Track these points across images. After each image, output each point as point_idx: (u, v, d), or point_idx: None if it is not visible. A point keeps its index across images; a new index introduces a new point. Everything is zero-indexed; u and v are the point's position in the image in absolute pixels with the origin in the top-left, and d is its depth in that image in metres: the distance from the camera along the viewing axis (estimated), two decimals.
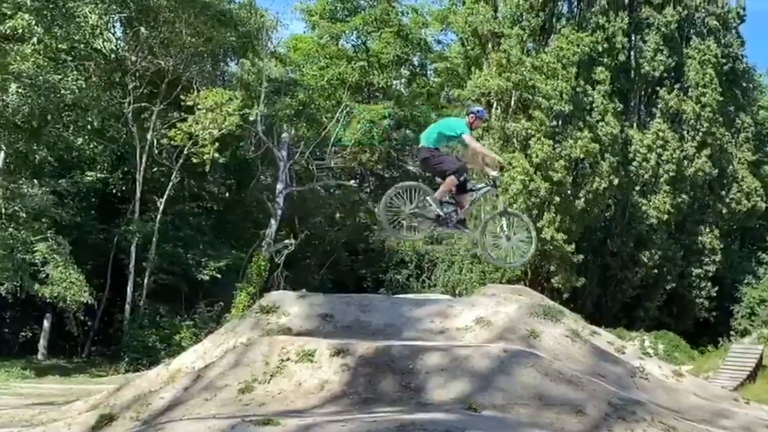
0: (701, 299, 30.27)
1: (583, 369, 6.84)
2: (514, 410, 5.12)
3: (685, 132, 29.87)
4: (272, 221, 22.50)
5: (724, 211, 31.09)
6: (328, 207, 24.07)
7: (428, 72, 31.10)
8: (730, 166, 31.33)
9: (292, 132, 23.41)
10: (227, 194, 23.68)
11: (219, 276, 20.63)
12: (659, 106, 29.50)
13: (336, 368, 5.95)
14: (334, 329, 7.69)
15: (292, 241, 21.97)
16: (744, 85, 32.31)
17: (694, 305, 30.27)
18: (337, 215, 25.11)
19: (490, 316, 8.04)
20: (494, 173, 7.63)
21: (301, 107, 23.30)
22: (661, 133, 29.06)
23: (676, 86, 29.72)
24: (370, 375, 5.84)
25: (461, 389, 5.53)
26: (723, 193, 31.25)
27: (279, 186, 22.69)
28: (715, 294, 30.53)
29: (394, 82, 27.56)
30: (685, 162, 29.44)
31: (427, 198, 7.23)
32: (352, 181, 25.73)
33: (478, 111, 7.75)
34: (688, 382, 9.61)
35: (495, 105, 26.02)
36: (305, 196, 23.30)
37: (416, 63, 30.00)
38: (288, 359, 6.19)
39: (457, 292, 24.34)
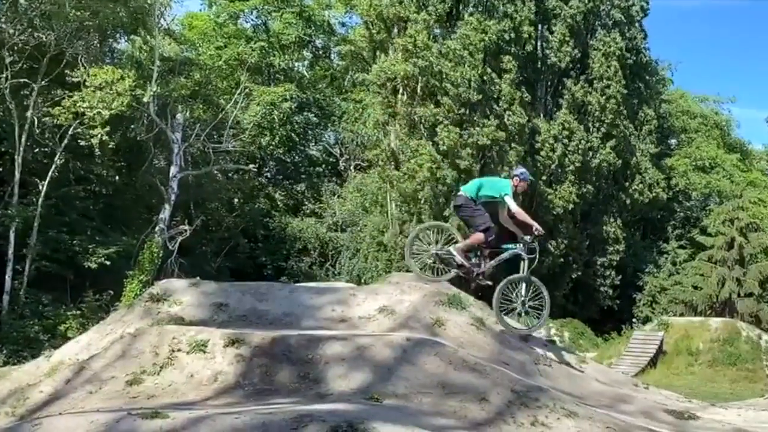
0: (605, 288, 34.16)
1: (487, 357, 7.30)
2: (417, 399, 5.43)
3: (590, 123, 33.36)
4: (166, 206, 23.16)
5: (628, 201, 35.06)
6: (225, 192, 25.41)
7: (332, 55, 32.86)
8: (634, 158, 35.35)
9: (187, 114, 24.26)
10: (117, 178, 24.22)
11: (108, 263, 21.24)
12: (565, 96, 32.77)
13: (230, 359, 6.19)
14: (229, 318, 7.96)
15: (188, 227, 22.65)
16: (647, 78, 36.44)
17: (599, 293, 34.12)
18: (236, 201, 26.58)
19: (394, 305, 8.36)
20: (528, 238, 8.31)
21: (196, 88, 24.42)
22: (567, 124, 32.39)
23: (582, 78, 33.13)
24: (267, 365, 6.10)
25: (363, 379, 5.82)
26: (627, 184, 35.16)
27: (173, 169, 23.50)
28: (618, 282, 34.45)
29: (296, 64, 29.29)
30: (591, 153, 32.92)
31: (450, 249, 8.26)
32: (252, 166, 27.08)
33: (522, 174, 8.66)
34: (591, 368, 10.45)
35: (401, 91, 28.49)
36: (201, 181, 24.53)
37: (319, 45, 31.61)
38: (179, 350, 6.40)
39: (362, 280, 26.22)
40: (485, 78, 29.69)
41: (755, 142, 48.27)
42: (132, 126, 24.77)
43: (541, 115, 33.05)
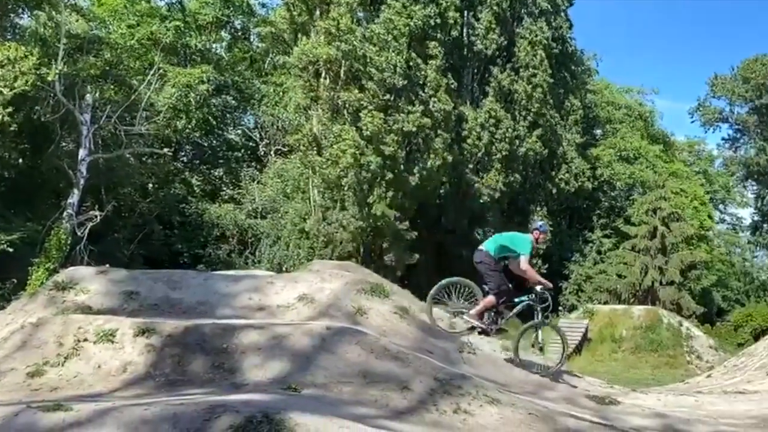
0: None
1: (410, 345, 7.55)
2: (337, 388, 5.59)
3: (517, 112, 35.46)
4: (74, 191, 23.03)
5: (554, 191, 37.42)
6: (139, 177, 25.73)
7: (251, 37, 33.64)
8: (560, 148, 37.83)
9: (97, 94, 24.15)
10: (21, 160, 24.35)
11: (11, 250, 21.39)
12: (492, 84, 34.60)
13: (140, 349, 6.25)
14: (140, 307, 8.04)
15: (98, 212, 22.58)
16: (573, 68, 38.88)
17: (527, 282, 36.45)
18: (150, 186, 27.00)
19: (314, 293, 8.62)
20: (539, 288, 9.20)
21: (107, 68, 24.44)
22: (493, 112, 34.19)
23: (509, 66, 35.23)
24: (179, 355, 6.16)
25: (280, 369, 5.95)
26: (553, 173, 37.53)
27: (82, 152, 23.27)
28: (545, 271, 36.80)
29: (214, 45, 29.88)
30: (517, 141, 34.91)
31: (465, 317, 9.05)
32: (166, 150, 27.46)
33: (540, 226, 9.47)
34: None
35: (324, 74, 29.58)
36: (113, 165, 24.71)
37: (238, 26, 32.23)
38: (85, 340, 6.43)
39: (284, 268, 27.13)
40: (411, 63, 30.88)
41: (677, 133, 52.18)
42: (37, 107, 24.76)
43: (468, 103, 34.72)
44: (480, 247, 9.27)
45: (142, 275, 9.16)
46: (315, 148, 29.07)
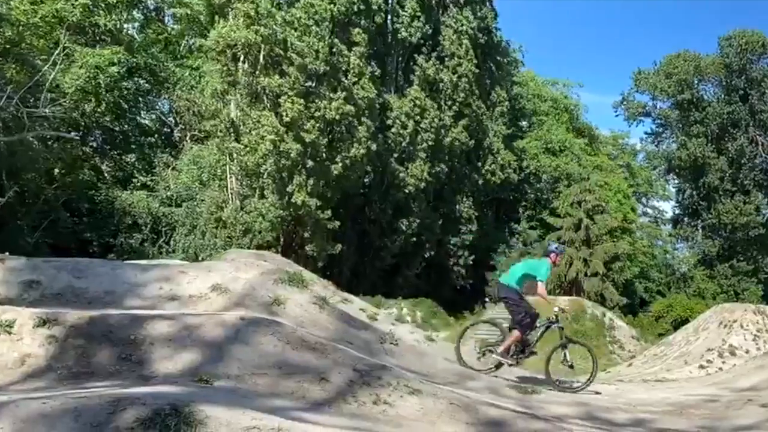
0: (459, 267, 37.42)
1: (329, 336, 7.67)
2: (252, 380, 5.63)
3: (442, 101, 36.58)
4: None
5: (481, 182, 38.69)
6: (44, 161, 25.19)
7: (166, 18, 33.48)
8: (487, 139, 39.11)
9: None
10: None
11: None
12: (417, 73, 35.52)
13: (41, 340, 6.14)
14: (42, 297, 7.90)
15: None
16: (498, 59, 40.29)
17: (452, 273, 37.44)
18: (56, 171, 26.43)
19: (228, 283, 8.63)
20: (555, 309, 9.82)
21: (8, 46, 24.12)
22: (418, 101, 35.11)
23: (434, 55, 36.36)
24: (83, 347, 6.08)
25: (191, 360, 5.93)
26: (479, 164, 38.87)
27: None
28: (471, 262, 38.08)
29: (125, 25, 29.50)
30: (443, 131, 36.07)
31: (493, 356, 9.54)
32: (74, 134, 26.98)
33: (556, 248, 10.07)
34: (439, 346, 11.83)
35: (242, 59, 29.67)
36: (15, 148, 24.12)
37: (151, 6, 31.96)
38: None
39: (200, 258, 27.12)
40: (333, 50, 31.42)
41: (602, 127, 54.67)
42: None
43: (392, 91, 35.45)
44: (501, 281, 9.81)
45: (44, 263, 8.94)
46: (233, 135, 29.12)
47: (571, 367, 9.85)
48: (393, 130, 34.28)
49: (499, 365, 9.66)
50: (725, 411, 8.06)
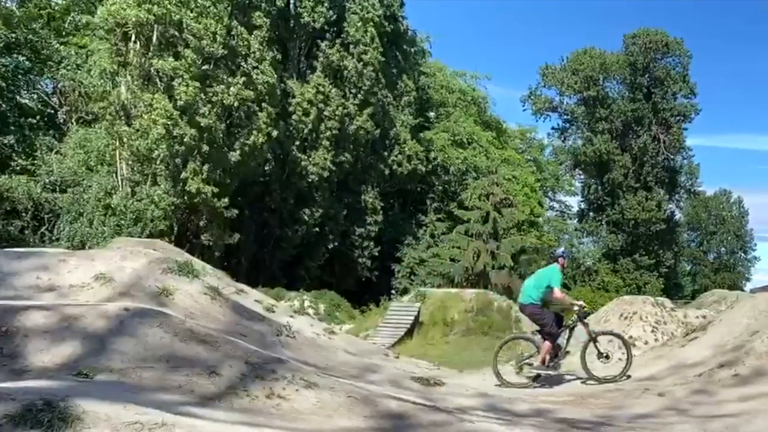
0: (364, 259, 38.06)
1: (222, 328, 7.67)
2: (136, 374, 5.56)
3: (347, 89, 37.19)
4: None
5: (387, 172, 39.49)
6: None
7: None
8: (393, 129, 39.93)
9: None
10: None
11: None
12: (320, 59, 36.13)
13: None
14: None
15: None
16: (405, 48, 41.30)
17: (357, 265, 37.97)
18: None
19: (113, 272, 8.47)
20: (576, 307, 10.04)
21: None
22: (322, 88, 35.64)
23: (338, 41, 36.91)
24: None
25: (71, 353, 5.80)
26: (386, 154, 39.68)
27: None
28: (377, 254, 38.74)
29: None
30: (348, 119, 36.68)
31: (532, 370, 9.92)
32: None
33: (563, 252, 10.63)
34: (340, 339, 11.73)
35: (134, 38, 29.19)
36: None
37: None
38: None
39: (87, 247, 26.53)
40: (233, 33, 31.34)
41: (510, 120, 56.51)
42: None
43: (295, 77, 35.68)
44: (520, 302, 10.22)
45: None
46: (123, 118, 28.67)
47: (607, 357, 10.21)
48: (295, 117, 34.53)
49: (537, 377, 10.06)
50: (624, 400, 8.37)
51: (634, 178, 55.43)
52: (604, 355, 10.12)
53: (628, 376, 9.86)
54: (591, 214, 57.10)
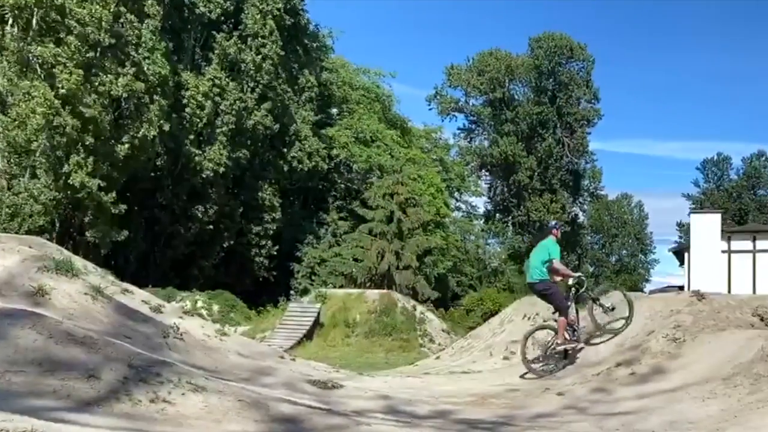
0: (261, 258, 38.19)
1: (104, 330, 7.50)
2: (5, 378, 5.38)
3: (245, 83, 37.32)
4: None
5: (286, 169, 39.84)
6: None
7: None
8: (294, 125, 40.27)
9: None
10: None
11: None
12: (216, 51, 36.20)
13: None
14: None
15: None
16: (306, 43, 41.81)
17: (254, 264, 38.04)
18: None
19: None
20: (574, 279, 10.46)
21: None
22: (218, 81, 35.70)
23: (236, 33, 37.03)
24: None
25: None
26: (285, 150, 39.99)
27: None
28: (275, 253, 38.88)
29: None
30: (245, 114, 36.81)
31: (557, 348, 10.43)
32: None
33: (555, 224, 10.98)
34: (232, 341, 11.48)
35: (11, 22, 28.48)
36: None
37: None
38: None
39: None
40: (121, 20, 30.98)
41: (415, 119, 57.77)
42: None
43: (189, 69, 35.51)
44: (529, 281, 10.71)
45: None
46: None
47: (613, 309, 10.86)
48: (189, 110, 34.46)
49: (565, 354, 10.58)
50: (525, 399, 8.74)
51: (539, 180, 57.78)
52: (610, 308, 10.88)
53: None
54: (497, 215, 59.12)
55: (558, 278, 10.60)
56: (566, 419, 7.49)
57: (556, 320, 10.76)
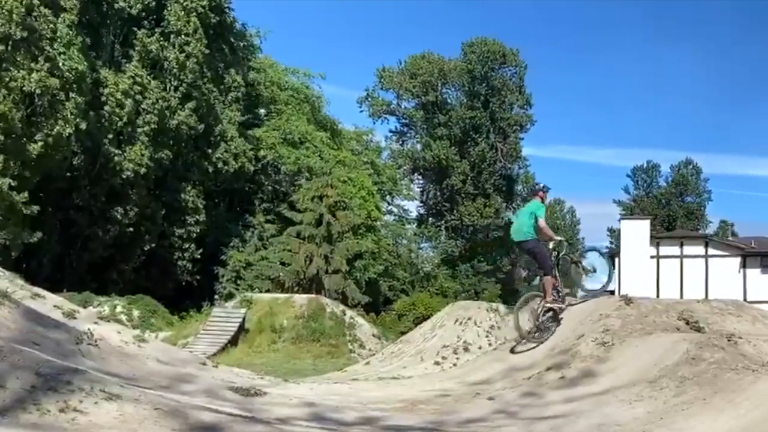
0: (184, 261, 37.94)
1: (10, 336, 7.38)
2: None
3: (168, 81, 37.15)
4: None
5: (211, 170, 39.70)
6: None
7: None
8: (219, 125, 40.18)
9: None
10: None
11: None
12: (137, 48, 35.99)
13: None
14: None
15: None
16: (233, 41, 41.87)
17: (177, 268, 37.77)
18: None
19: None
20: (551, 245, 10.78)
21: None
22: (139, 78, 35.47)
23: (158, 30, 36.86)
24: None
25: None
26: (210, 151, 39.86)
27: None
28: (199, 256, 38.69)
29: None
30: (168, 113, 36.61)
31: (545, 307, 10.64)
32: None
33: (543, 186, 11.12)
34: (152, 347, 11.36)
35: None
36: None
37: None
38: None
39: None
40: (35, 13, 30.51)
41: (346, 121, 58.12)
42: None
43: (108, 66, 35.18)
44: (517, 239, 10.87)
45: None
46: None
47: (594, 271, 11.37)
48: (108, 108, 34.19)
49: (555, 315, 10.91)
50: (454, 405, 8.79)
51: (472, 184, 58.91)
52: (592, 270, 11.37)
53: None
54: (430, 219, 60.03)
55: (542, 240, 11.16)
56: (496, 423, 7.70)
57: (539, 291, 11.17)
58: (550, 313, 10.95)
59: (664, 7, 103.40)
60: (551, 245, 10.96)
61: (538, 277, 11.45)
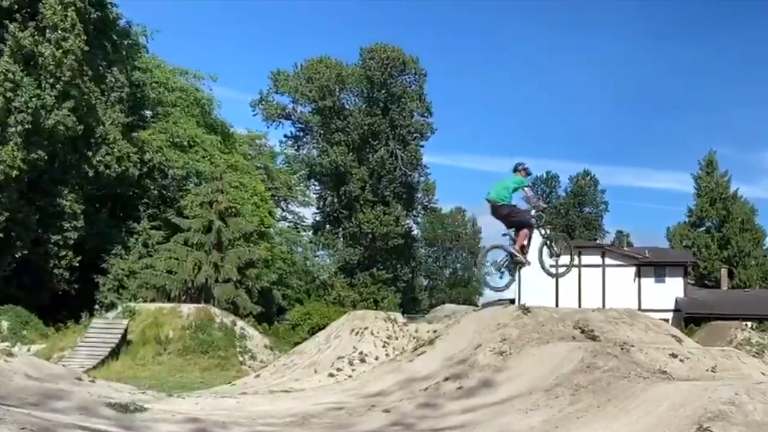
0: (61, 269, 36.93)
1: None
2: None
3: (43, 79, 36.17)
4: None
5: (92, 173, 38.84)
6: None
7: None
8: (101, 126, 39.41)
9: None
10: None
11: None
12: (9, 43, 34.92)
13: None
14: None
15: None
16: (116, 39, 41.24)
17: (52, 276, 36.71)
18: None
19: None
20: (538, 209, 11.67)
21: None
22: (10, 75, 34.46)
23: (32, 24, 35.92)
24: None
25: None
26: (90, 153, 39.01)
27: None
28: (77, 264, 37.74)
29: None
30: (43, 112, 35.64)
31: (512, 253, 11.22)
32: None
33: (524, 165, 11.69)
34: (20, 362, 11.19)
35: None
36: None
37: None
38: None
39: None
40: None
41: (238, 125, 58.04)
42: None
43: None
44: (495, 201, 11.33)
45: None
46: None
47: (559, 255, 12.14)
48: None
49: (516, 262, 11.51)
50: (348, 418, 9.00)
51: (371, 191, 59.90)
52: (557, 253, 12.16)
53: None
54: (327, 226, 60.59)
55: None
56: None
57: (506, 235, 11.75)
58: (515, 262, 11.66)
59: (563, 20, 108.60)
60: (534, 212, 11.81)
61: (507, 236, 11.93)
